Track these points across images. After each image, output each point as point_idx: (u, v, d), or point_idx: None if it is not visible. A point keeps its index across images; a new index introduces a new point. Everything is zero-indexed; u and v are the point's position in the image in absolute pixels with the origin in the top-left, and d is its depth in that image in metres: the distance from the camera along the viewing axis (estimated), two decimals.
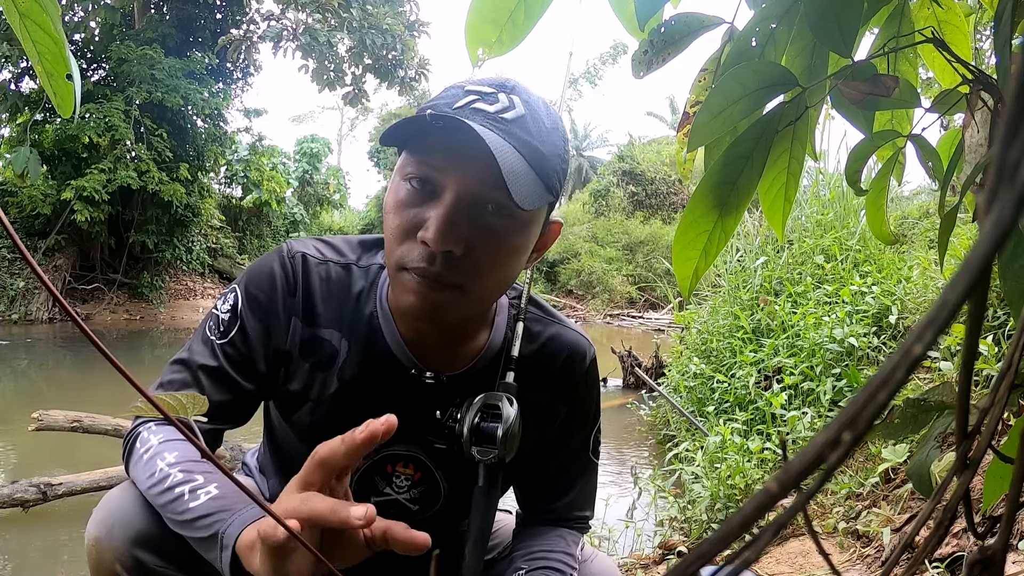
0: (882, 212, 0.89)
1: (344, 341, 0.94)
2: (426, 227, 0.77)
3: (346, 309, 0.94)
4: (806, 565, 2.00)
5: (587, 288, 17.83)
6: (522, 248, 0.84)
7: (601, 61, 25.28)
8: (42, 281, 0.30)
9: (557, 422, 1.03)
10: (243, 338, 0.91)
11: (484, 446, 0.88)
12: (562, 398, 1.02)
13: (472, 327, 0.96)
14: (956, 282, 0.16)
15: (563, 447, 1.05)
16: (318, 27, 11.13)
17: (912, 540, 0.41)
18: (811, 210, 4.98)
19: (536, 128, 0.80)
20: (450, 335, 0.94)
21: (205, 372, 0.90)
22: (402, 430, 0.96)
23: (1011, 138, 0.15)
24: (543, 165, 0.80)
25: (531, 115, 0.81)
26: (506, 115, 0.79)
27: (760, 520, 0.17)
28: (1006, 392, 0.35)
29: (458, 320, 0.89)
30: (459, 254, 0.78)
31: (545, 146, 0.81)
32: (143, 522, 0.86)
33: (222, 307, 0.93)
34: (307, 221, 17.50)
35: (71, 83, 0.60)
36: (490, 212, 0.79)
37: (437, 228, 0.76)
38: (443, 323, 0.87)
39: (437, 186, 0.79)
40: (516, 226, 0.81)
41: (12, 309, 10.98)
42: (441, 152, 0.78)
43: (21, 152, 10.13)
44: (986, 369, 2.26)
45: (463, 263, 0.79)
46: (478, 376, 0.96)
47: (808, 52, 0.77)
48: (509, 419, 0.88)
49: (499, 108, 0.79)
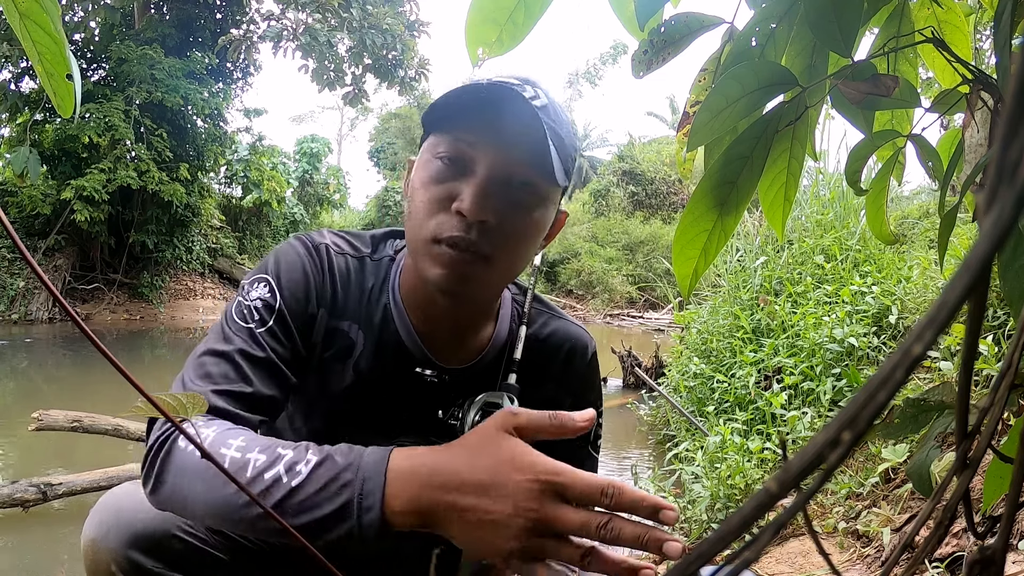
0: (882, 212, 0.89)
1: (361, 333, 0.95)
2: (460, 199, 0.80)
3: (361, 302, 0.95)
4: (806, 565, 2.00)
5: (587, 288, 17.83)
6: (542, 225, 0.88)
7: (601, 61, 25.28)
8: (42, 281, 0.30)
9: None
10: (284, 328, 0.87)
11: None
12: (564, 390, 1.04)
13: (480, 318, 0.97)
14: (956, 282, 0.16)
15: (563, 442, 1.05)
16: (318, 27, 11.12)
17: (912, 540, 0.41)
18: (811, 210, 4.98)
19: (557, 118, 0.86)
20: (461, 325, 0.96)
21: (250, 361, 0.83)
22: (404, 427, 0.97)
23: (1011, 138, 0.15)
24: (564, 150, 0.85)
25: (552, 106, 0.86)
26: (535, 102, 0.83)
27: (760, 520, 0.17)
28: (1006, 392, 0.35)
29: (479, 296, 0.91)
30: (493, 223, 0.81)
31: (565, 135, 0.86)
32: (140, 524, 0.86)
33: (251, 296, 0.88)
34: (307, 221, 17.48)
35: (71, 83, 0.60)
36: (517, 187, 0.83)
37: (474, 198, 0.79)
38: (464, 298, 0.87)
39: (469, 161, 0.82)
40: (539, 202, 0.86)
41: (12, 309, 10.97)
42: (474, 129, 0.82)
43: (21, 152, 10.12)
44: (986, 369, 2.26)
45: (495, 234, 0.82)
46: (481, 373, 0.97)
47: (808, 52, 0.77)
48: None
49: (530, 95, 0.84)
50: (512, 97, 0.81)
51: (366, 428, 0.96)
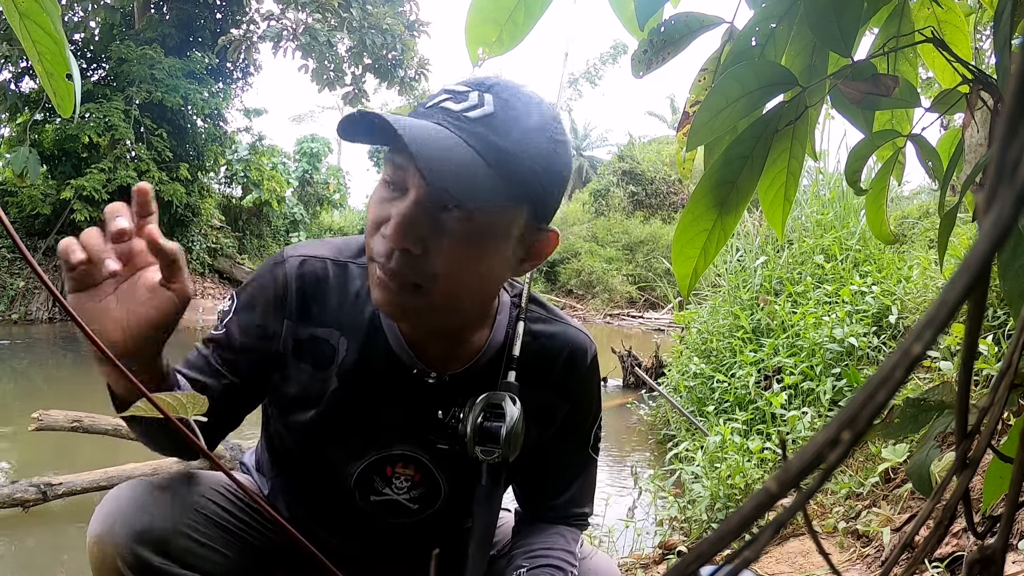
0: (882, 212, 0.89)
1: (343, 339, 0.94)
2: (387, 223, 0.79)
3: (345, 307, 0.94)
4: (806, 565, 2.00)
5: (587, 288, 17.82)
6: (487, 252, 0.80)
7: (601, 61, 25.26)
8: (42, 281, 0.30)
9: (558, 420, 1.03)
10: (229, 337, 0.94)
11: (488, 445, 0.88)
12: (563, 396, 1.02)
13: (470, 326, 0.95)
14: (955, 281, 0.16)
15: (564, 445, 1.05)
16: (318, 27, 11.12)
17: (912, 540, 0.41)
18: (811, 210, 4.98)
19: (506, 127, 0.77)
20: (447, 333, 0.94)
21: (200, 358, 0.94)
22: (402, 431, 0.97)
23: (1010, 137, 0.15)
24: (507, 164, 0.76)
25: (504, 115, 0.77)
26: (470, 113, 0.76)
27: (759, 519, 0.17)
28: (1006, 392, 0.35)
29: (431, 321, 0.88)
30: (416, 253, 0.78)
31: (517, 145, 0.77)
32: (145, 519, 0.87)
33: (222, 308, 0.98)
34: (307, 221, 17.48)
35: (71, 83, 0.60)
36: (450, 213, 0.77)
37: (394, 225, 0.77)
38: (415, 324, 0.89)
39: (402, 183, 0.79)
40: (476, 228, 0.78)
41: (12, 309, 10.97)
42: (403, 151, 0.76)
43: (21, 152, 10.12)
44: (986, 369, 2.26)
45: (420, 263, 0.78)
46: (479, 375, 0.96)
47: (808, 52, 0.77)
48: (513, 418, 0.88)
49: (465, 106, 0.77)
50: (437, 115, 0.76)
51: (358, 432, 0.96)
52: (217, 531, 0.94)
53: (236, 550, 0.97)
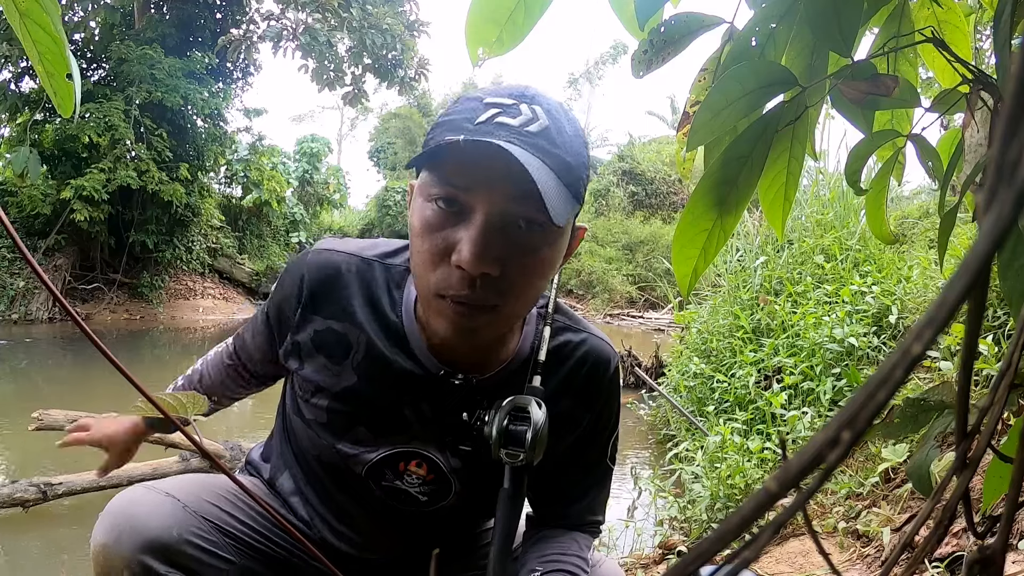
0: (882, 212, 0.89)
1: (362, 335, 0.93)
2: (458, 250, 0.75)
3: (366, 304, 0.94)
4: (806, 565, 2.00)
5: (587, 288, 17.81)
6: (554, 260, 0.83)
7: (601, 61, 25.26)
8: (42, 281, 0.30)
9: (579, 430, 1.02)
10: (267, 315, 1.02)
11: (512, 448, 0.88)
12: (585, 406, 1.01)
13: (498, 340, 0.95)
14: (955, 281, 0.16)
15: (583, 454, 1.05)
16: (318, 27, 11.12)
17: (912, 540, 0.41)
18: (811, 210, 4.98)
19: (560, 138, 0.78)
20: (479, 348, 0.93)
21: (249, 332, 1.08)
22: (419, 430, 0.97)
23: (1010, 137, 0.15)
24: (570, 175, 0.78)
25: (554, 125, 0.78)
26: (531, 128, 0.76)
27: (759, 519, 0.17)
28: (1006, 392, 0.35)
29: (492, 336, 0.88)
30: (495, 275, 0.76)
31: (571, 155, 0.79)
32: (152, 529, 0.87)
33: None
34: (307, 221, 17.46)
35: (71, 83, 0.60)
36: (522, 229, 0.77)
37: (472, 251, 0.74)
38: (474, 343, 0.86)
39: (465, 206, 0.76)
40: (548, 239, 0.79)
41: (12, 309, 10.96)
42: (467, 171, 0.75)
43: (21, 152, 10.11)
44: (986, 369, 2.26)
45: (500, 283, 0.77)
46: (506, 380, 0.95)
47: (808, 52, 0.77)
48: (539, 422, 0.88)
49: (523, 121, 0.76)
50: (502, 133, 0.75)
51: (375, 426, 0.96)
52: (223, 537, 0.95)
53: (243, 556, 0.97)
